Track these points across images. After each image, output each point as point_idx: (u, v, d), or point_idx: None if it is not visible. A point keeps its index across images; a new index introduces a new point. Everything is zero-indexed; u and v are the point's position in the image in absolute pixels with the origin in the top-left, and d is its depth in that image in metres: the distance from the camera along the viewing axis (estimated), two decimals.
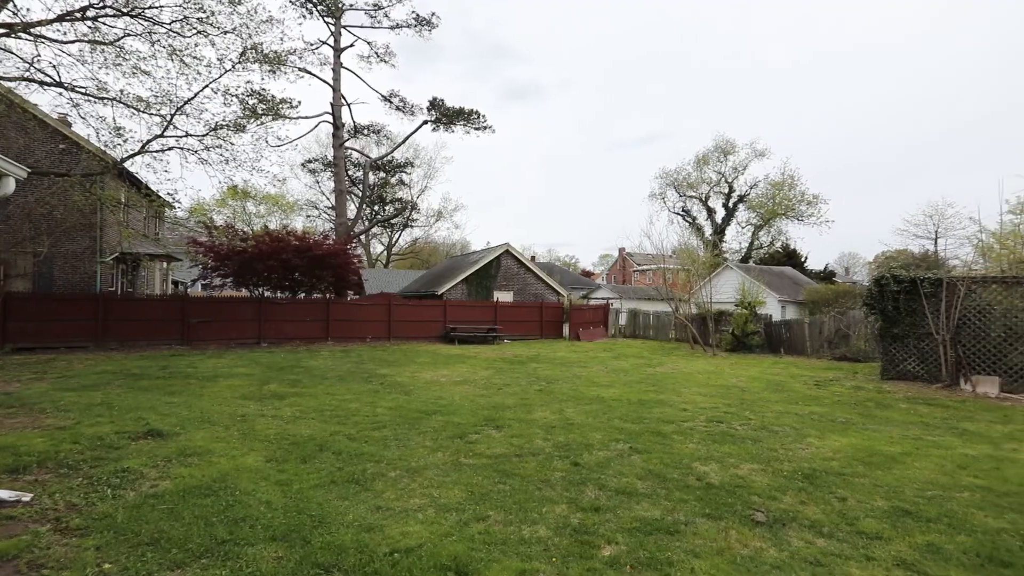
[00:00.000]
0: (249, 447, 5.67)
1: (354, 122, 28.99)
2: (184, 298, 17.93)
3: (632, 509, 4.15)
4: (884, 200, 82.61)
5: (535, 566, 3.22)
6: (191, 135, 12.32)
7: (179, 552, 3.28)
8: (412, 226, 51.12)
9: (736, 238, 45.30)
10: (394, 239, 53.89)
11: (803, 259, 40.72)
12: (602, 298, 35.49)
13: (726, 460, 5.51)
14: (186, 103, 11.97)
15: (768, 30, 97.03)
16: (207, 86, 12.26)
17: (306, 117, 25.02)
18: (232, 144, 12.98)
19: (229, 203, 43.14)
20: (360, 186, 35.26)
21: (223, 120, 12.83)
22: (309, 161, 39.79)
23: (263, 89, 14.10)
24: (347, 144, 28.60)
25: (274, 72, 17.08)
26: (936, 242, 31.28)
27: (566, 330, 24.12)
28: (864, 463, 5.49)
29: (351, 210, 32.74)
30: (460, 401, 8.62)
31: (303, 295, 20.34)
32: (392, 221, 47.86)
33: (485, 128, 27.83)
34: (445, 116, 27.29)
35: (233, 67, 12.64)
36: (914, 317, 11.33)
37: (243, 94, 13.47)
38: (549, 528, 3.77)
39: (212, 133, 12.59)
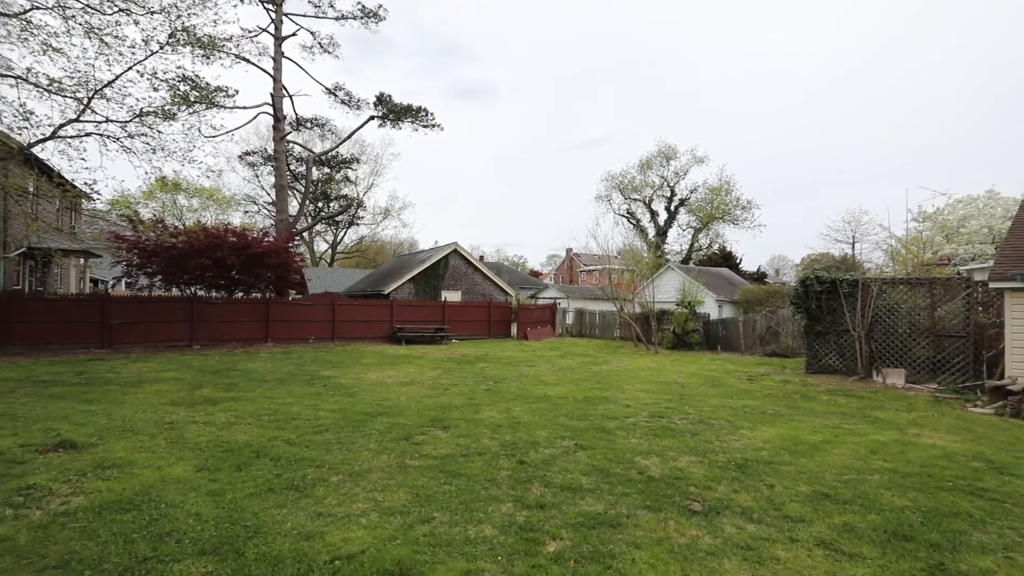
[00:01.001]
0: (177, 456, 5.31)
1: (296, 115, 27.84)
2: (104, 297, 16.53)
3: (577, 505, 4.23)
4: (811, 206, 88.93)
5: (480, 566, 3.21)
6: (112, 121, 11.38)
7: (93, 573, 3.03)
8: (358, 224, 49.80)
9: (677, 240, 47.36)
10: (339, 237, 52.26)
11: (738, 261, 43.02)
12: (550, 298, 35.98)
13: (666, 453, 5.73)
14: (106, 86, 11.05)
15: (707, 48, 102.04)
16: (131, 68, 11.36)
17: (244, 107, 23.84)
18: (160, 132, 12.10)
19: (157, 196, 40.36)
20: (303, 181, 33.92)
21: (150, 106, 11.92)
22: (247, 153, 37.78)
23: (196, 75, 13.22)
24: (289, 137, 27.42)
25: (208, 58, 16.05)
26: (853, 246, 33.92)
27: (514, 329, 24.27)
28: (790, 451, 5.87)
29: (293, 206, 31.43)
30: (406, 402, 8.48)
31: (241, 295, 19.32)
32: (337, 218, 46.39)
33: (434, 126, 27.51)
34: (392, 112, 26.73)
35: (161, 49, 11.79)
36: (834, 315, 12.25)
37: (173, 79, 12.58)
38: (495, 527, 3.77)
39: (137, 119, 11.67)
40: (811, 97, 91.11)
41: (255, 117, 25.27)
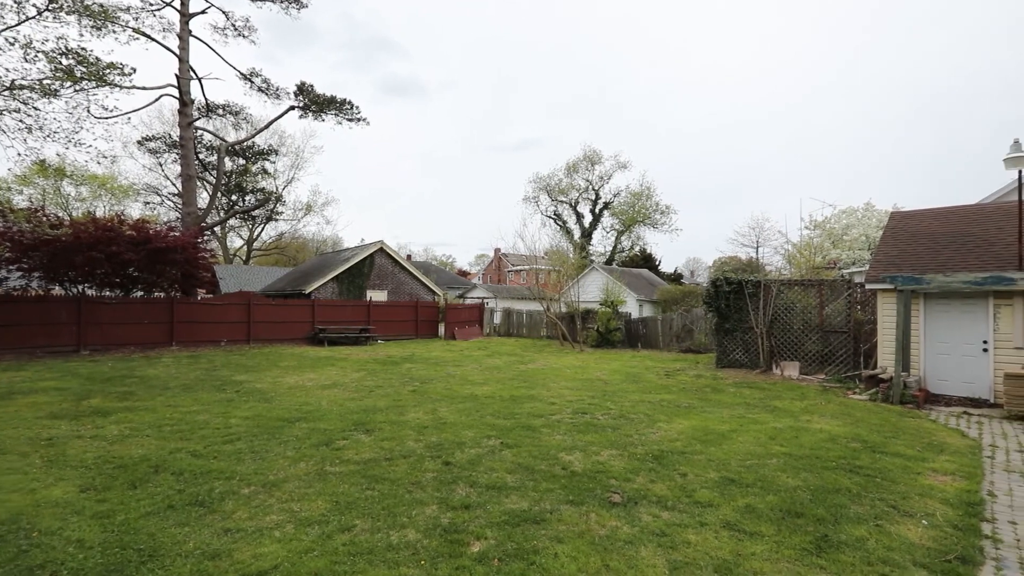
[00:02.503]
0: (57, 476, 4.72)
1: (206, 100, 25.70)
2: None
3: (502, 503, 4.26)
4: (722, 211, 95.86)
5: (403, 572, 3.14)
6: None
7: None
8: (277, 219, 46.83)
9: (602, 242, 49.24)
10: (256, 233, 48.89)
11: (658, 262, 45.49)
12: (478, 297, 36.00)
13: (589, 448, 5.92)
14: None
15: (634, 55, 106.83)
16: None
17: (144, 88, 21.59)
18: (38, 110, 10.69)
19: (36, 182, 35.57)
20: (214, 172, 31.38)
21: (24, 79, 10.50)
22: (149, 139, 34.30)
23: (82, 48, 11.78)
24: (197, 124, 25.26)
25: (99, 29, 14.39)
26: (757, 250, 37.04)
27: (442, 329, 24.04)
28: (701, 441, 6.29)
29: (203, 199, 29.05)
30: (328, 406, 8.12)
31: (141, 294, 17.54)
32: (253, 213, 43.34)
33: (359, 120, 26.57)
34: (315, 103, 25.49)
35: (39, 15, 10.42)
36: (741, 314, 13.30)
37: (54, 51, 11.14)
38: (419, 531, 3.71)
39: (8, 92, 10.23)
40: (729, 116, 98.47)
41: (157, 99, 23.05)
